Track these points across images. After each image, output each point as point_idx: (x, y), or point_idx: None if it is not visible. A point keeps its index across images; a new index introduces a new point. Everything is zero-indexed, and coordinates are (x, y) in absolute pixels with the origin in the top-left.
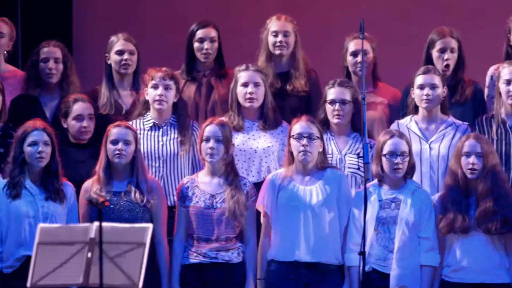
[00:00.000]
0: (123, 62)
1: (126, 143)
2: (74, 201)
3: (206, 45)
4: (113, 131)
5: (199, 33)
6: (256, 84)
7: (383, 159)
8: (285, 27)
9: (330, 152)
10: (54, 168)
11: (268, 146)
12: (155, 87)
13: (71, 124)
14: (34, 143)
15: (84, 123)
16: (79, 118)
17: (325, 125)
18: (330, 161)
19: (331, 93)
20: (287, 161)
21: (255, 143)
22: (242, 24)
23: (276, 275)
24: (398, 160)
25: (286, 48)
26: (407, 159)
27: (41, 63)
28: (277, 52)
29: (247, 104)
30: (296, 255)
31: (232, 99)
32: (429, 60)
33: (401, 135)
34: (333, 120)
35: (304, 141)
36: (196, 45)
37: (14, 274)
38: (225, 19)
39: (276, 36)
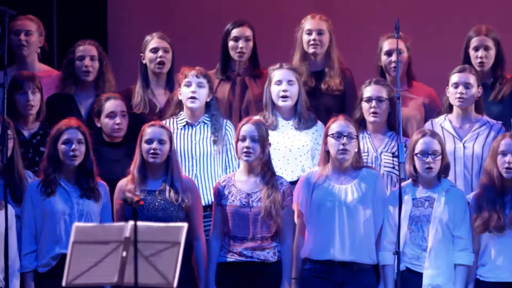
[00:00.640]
0: (158, 59)
1: (161, 142)
2: (108, 199)
3: (240, 44)
4: (148, 130)
5: (234, 32)
6: (289, 82)
7: (415, 158)
8: (319, 26)
9: (366, 150)
10: (88, 167)
11: (303, 145)
12: (188, 85)
13: (104, 122)
14: (68, 141)
15: (117, 120)
16: (111, 115)
17: (361, 124)
18: (365, 160)
19: (368, 91)
20: (322, 160)
21: (290, 142)
22: (278, 23)
23: (310, 274)
24: (430, 159)
25: (320, 46)
26: (439, 158)
27: (77, 61)
28: (311, 50)
29: (280, 103)
30: (330, 254)
31: (266, 98)
32: (467, 59)
33: (433, 134)
34: (369, 118)
35: (344, 140)
36: (231, 44)
37: (49, 273)
38: (260, 19)
39: (310, 34)
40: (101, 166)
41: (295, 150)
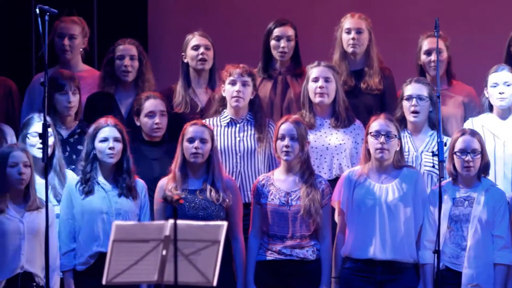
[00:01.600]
0: (200, 56)
1: (203, 141)
2: (146, 198)
3: (283, 43)
4: (190, 129)
5: (276, 31)
6: (326, 79)
7: (455, 157)
8: (358, 25)
9: (406, 150)
10: (126, 165)
11: (340, 144)
12: (233, 83)
13: (143, 121)
14: (105, 139)
15: (156, 120)
16: (151, 115)
17: (402, 123)
18: (406, 159)
19: (408, 89)
20: (364, 158)
21: (327, 140)
22: (319, 23)
23: (350, 272)
24: (469, 158)
25: (359, 45)
26: (479, 157)
27: (117, 61)
28: (350, 49)
29: (317, 99)
30: (371, 253)
31: (304, 96)
32: (510, 58)
33: (473, 133)
34: (410, 117)
35: (382, 139)
36: (273, 43)
37: (87, 271)
38: (301, 17)
39: (349, 33)
40: (140, 165)
41: (332, 149)
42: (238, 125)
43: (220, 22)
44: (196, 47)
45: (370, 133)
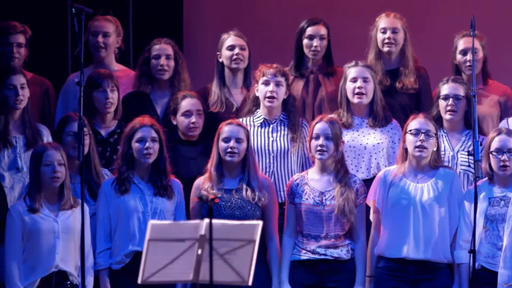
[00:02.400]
0: (235, 56)
1: (238, 141)
2: (182, 197)
3: (315, 42)
4: (225, 129)
5: (309, 30)
6: (365, 80)
7: (491, 156)
8: (394, 24)
9: (442, 149)
10: (162, 165)
11: (378, 143)
12: (266, 83)
13: (180, 120)
14: (141, 140)
15: (193, 119)
16: (187, 114)
17: (437, 122)
18: (442, 158)
19: (445, 88)
20: (400, 157)
21: (365, 140)
22: (352, 22)
23: (384, 272)
24: (505, 157)
25: (395, 45)
26: None
27: (153, 60)
28: (386, 49)
29: (355, 100)
30: (404, 252)
31: (341, 95)
32: None
33: (509, 132)
34: (446, 116)
35: (421, 137)
36: (305, 42)
37: (123, 270)
38: (334, 16)
39: (384, 33)
40: (177, 164)
41: (370, 148)
42: (271, 125)
43: (254, 21)
44: (231, 47)
45: (409, 131)
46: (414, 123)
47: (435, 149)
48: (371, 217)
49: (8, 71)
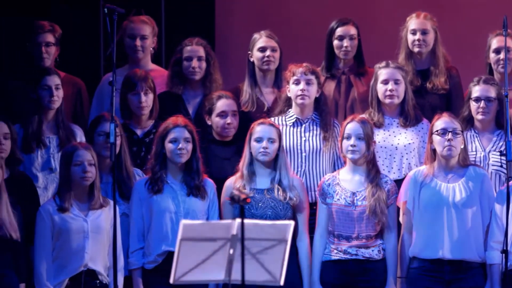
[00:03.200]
0: (266, 58)
1: (270, 140)
2: (215, 197)
3: (345, 42)
4: (258, 128)
5: (339, 31)
6: (396, 81)
7: None
8: (424, 25)
9: (474, 149)
10: (195, 165)
11: (409, 143)
12: (297, 82)
13: (215, 121)
14: (175, 140)
15: (228, 120)
16: (223, 114)
17: (469, 122)
18: (473, 159)
19: (476, 90)
20: (429, 158)
21: (396, 140)
22: (383, 21)
23: (418, 272)
24: None
25: (425, 46)
26: None
27: (184, 62)
28: (416, 50)
29: (387, 101)
30: (439, 253)
31: (372, 96)
32: None
33: None
34: (478, 117)
35: (449, 136)
36: (335, 43)
37: (155, 269)
38: (365, 17)
39: (414, 34)
40: (211, 164)
41: (401, 148)
42: (303, 125)
43: (286, 20)
44: (262, 49)
45: (436, 131)
46: (439, 123)
47: (462, 147)
48: (401, 218)
49: (43, 72)
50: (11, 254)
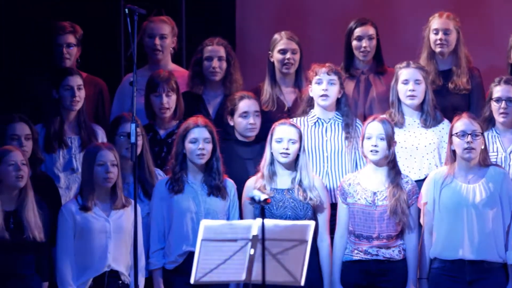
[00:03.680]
0: (286, 61)
1: (291, 141)
2: (235, 198)
3: (364, 43)
4: (278, 129)
5: (358, 31)
6: (417, 81)
7: None
8: (446, 25)
9: (495, 150)
10: (215, 165)
11: (430, 143)
12: (319, 82)
13: (237, 121)
14: (195, 140)
15: (251, 120)
16: (245, 115)
17: (490, 122)
18: (495, 159)
19: (497, 90)
20: (449, 159)
21: (417, 140)
22: (402, 21)
23: (439, 273)
24: None
25: (447, 46)
26: None
27: (205, 62)
28: (438, 49)
29: (408, 101)
30: (460, 253)
31: (393, 96)
32: None
33: None
34: (499, 118)
35: (468, 138)
36: (354, 43)
37: (176, 270)
38: (385, 16)
39: (437, 34)
40: (234, 165)
41: (421, 148)
42: (325, 125)
43: (306, 20)
44: (283, 51)
45: (455, 133)
46: (459, 125)
47: (483, 147)
48: (421, 219)
49: (65, 72)
50: (34, 255)
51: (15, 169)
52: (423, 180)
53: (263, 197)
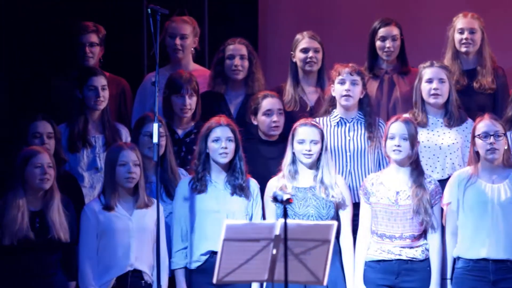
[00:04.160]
0: (308, 59)
1: (313, 142)
2: (258, 197)
3: (388, 43)
4: (300, 130)
5: (381, 31)
6: (440, 80)
7: None
8: (471, 25)
9: None
10: (238, 165)
11: (453, 143)
12: (342, 82)
13: (261, 120)
14: (217, 139)
15: (274, 118)
16: (268, 113)
17: None
18: None
19: None
20: (472, 160)
21: (440, 140)
22: (426, 21)
23: (463, 272)
24: None
25: (472, 45)
26: None
27: (227, 60)
28: (463, 49)
29: (431, 101)
30: (484, 253)
31: (416, 95)
32: None
33: None
34: None
35: (491, 139)
36: (378, 43)
37: (198, 269)
38: (409, 14)
39: (462, 33)
40: (257, 164)
41: (445, 148)
42: (348, 125)
43: (330, 19)
44: (305, 50)
45: (478, 135)
46: (481, 126)
47: (506, 148)
48: (444, 220)
49: (89, 72)
50: (59, 255)
51: (41, 171)
52: (446, 180)
53: (285, 196)
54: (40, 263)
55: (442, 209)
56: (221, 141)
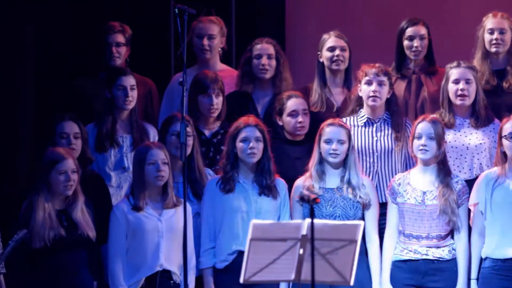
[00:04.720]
0: (335, 58)
1: (340, 142)
2: (286, 197)
3: (415, 43)
4: (327, 130)
5: (409, 31)
6: (467, 81)
7: None
8: (501, 25)
9: None
10: (266, 165)
11: (480, 143)
12: (369, 83)
13: (286, 120)
14: (246, 139)
15: (299, 119)
16: (293, 114)
17: None
18: None
19: None
20: (499, 160)
21: (467, 140)
22: (454, 21)
23: (490, 272)
24: None
25: (503, 45)
26: None
27: (254, 60)
28: (493, 49)
29: (458, 101)
30: None
31: (443, 96)
32: None
33: None
34: None
35: None
36: (406, 43)
37: (226, 269)
38: (437, 14)
39: (492, 33)
40: (283, 164)
41: (472, 148)
42: (375, 125)
43: (357, 20)
44: (331, 49)
45: (505, 136)
46: (508, 127)
47: None
48: (471, 220)
49: (118, 72)
50: (86, 253)
51: (65, 178)
52: (474, 180)
53: (312, 196)
54: (73, 260)
55: (469, 210)
56: (249, 141)
